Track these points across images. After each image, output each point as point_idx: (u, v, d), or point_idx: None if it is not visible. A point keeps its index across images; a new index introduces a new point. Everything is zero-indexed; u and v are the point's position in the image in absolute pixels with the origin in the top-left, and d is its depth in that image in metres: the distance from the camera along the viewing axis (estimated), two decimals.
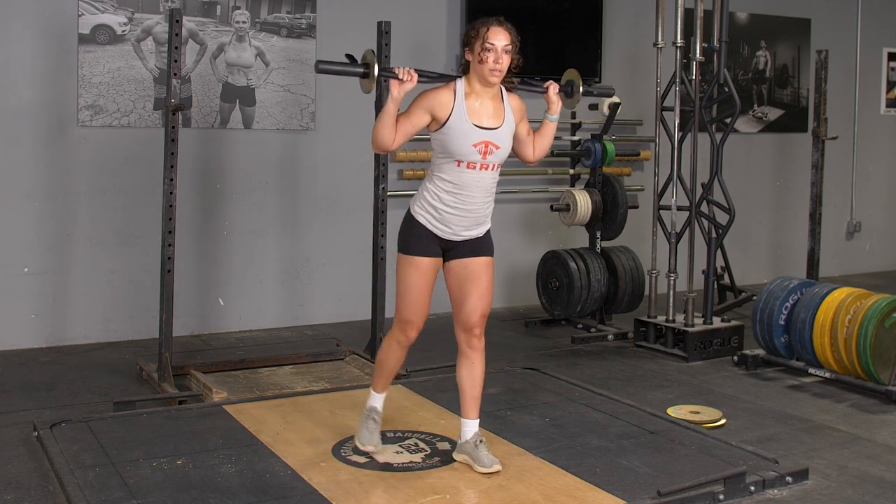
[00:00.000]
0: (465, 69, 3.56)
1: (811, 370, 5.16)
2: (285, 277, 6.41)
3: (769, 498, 3.53)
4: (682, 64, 5.86)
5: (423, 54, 6.70)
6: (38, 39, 5.62)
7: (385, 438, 3.90)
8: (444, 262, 3.64)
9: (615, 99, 6.43)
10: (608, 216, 6.34)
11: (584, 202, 6.26)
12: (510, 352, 5.77)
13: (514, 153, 3.73)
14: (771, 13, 8.22)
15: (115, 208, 5.87)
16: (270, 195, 6.31)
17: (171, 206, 4.77)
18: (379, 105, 5.20)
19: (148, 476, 3.52)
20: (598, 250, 6.35)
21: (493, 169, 3.54)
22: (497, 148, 3.52)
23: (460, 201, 3.52)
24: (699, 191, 5.90)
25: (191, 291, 6.00)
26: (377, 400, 3.83)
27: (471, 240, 3.63)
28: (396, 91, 3.45)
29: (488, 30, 3.45)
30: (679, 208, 5.89)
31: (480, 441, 3.65)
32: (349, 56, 3.57)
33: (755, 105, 8.22)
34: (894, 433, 4.34)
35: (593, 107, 6.69)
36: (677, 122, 5.89)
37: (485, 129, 3.50)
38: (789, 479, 3.63)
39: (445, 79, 3.62)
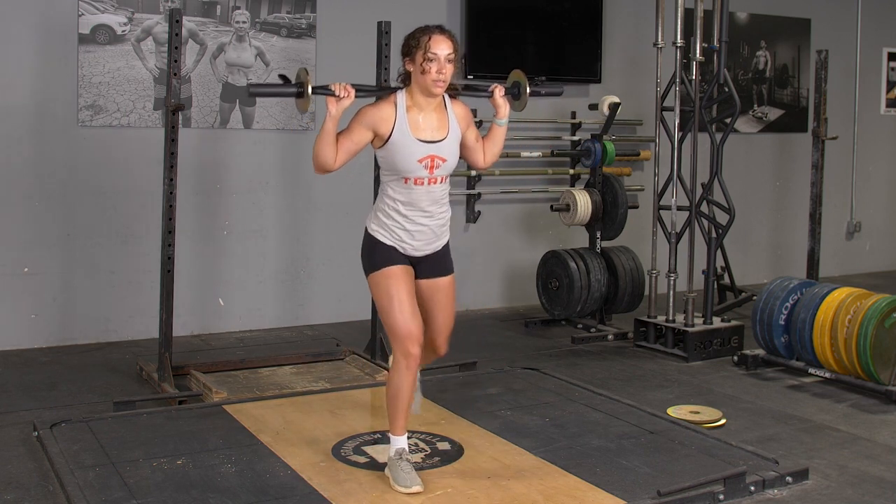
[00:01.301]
0: (405, 80, 3.44)
1: (811, 370, 5.17)
2: (285, 277, 6.41)
3: (769, 498, 3.53)
4: (682, 64, 5.86)
5: None
6: (38, 39, 5.62)
7: (385, 438, 3.88)
8: (415, 270, 3.53)
9: (615, 99, 6.44)
10: (608, 216, 6.34)
11: (584, 202, 6.26)
12: (510, 352, 5.77)
13: (465, 160, 3.62)
14: (771, 13, 8.22)
15: (115, 208, 5.87)
16: (270, 195, 6.31)
17: (171, 206, 4.77)
18: None
19: (148, 476, 3.52)
20: (598, 250, 6.35)
21: (442, 181, 3.44)
22: (443, 161, 3.41)
23: (414, 217, 3.43)
24: (699, 191, 5.90)
25: (191, 291, 6.00)
26: (402, 442, 3.49)
27: (432, 257, 3.53)
28: (334, 108, 3.32)
29: (430, 38, 3.33)
30: (679, 208, 5.89)
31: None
32: (283, 77, 3.48)
33: (755, 105, 8.22)
34: (894, 433, 4.34)
35: (593, 107, 6.69)
36: (677, 122, 5.89)
37: (429, 142, 3.38)
38: (789, 479, 3.63)
39: (385, 91, 3.49)
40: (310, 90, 3.38)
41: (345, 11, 6.43)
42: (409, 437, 3.82)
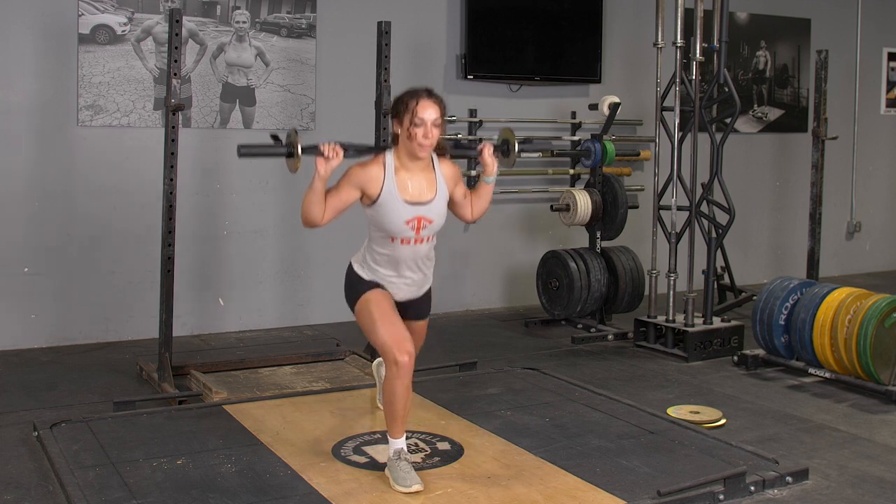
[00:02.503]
0: (395, 140, 3.50)
1: (811, 370, 5.17)
2: (285, 277, 6.41)
3: (769, 498, 3.53)
4: (682, 64, 5.86)
5: (423, 54, 6.70)
6: (38, 39, 5.62)
7: (385, 438, 3.89)
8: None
9: (615, 99, 6.44)
10: (608, 216, 6.34)
11: (584, 202, 6.26)
12: (510, 352, 5.78)
13: (452, 213, 3.68)
14: (771, 13, 8.22)
15: (115, 208, 5.87)
16: (270, 195, 6.31)
17: (171, 206, 4.78)
18: (380, 105, 5.21)
19: (148, 476, 3.52)
20: (598, 250, 6.35)
21: (428, 241, 3.54)
22: (430, 222, 3.49)
23: (399, 271, 3.55)
24: (699, 191, 5.90)
25: (191, 291, 6.00)
26: (400, 443, 3.52)
27: (413, 301, 3.67)
28: (322, 169, 3.35)
29: (417, 103, 3.39)
30: (679, 208, 5.89)
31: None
32: (274, 136, 3.51)
33: (755, 105, 8.22)
34: (894, 433, 4.34)
35: (593, 107, 6.69)
36: (677, 122, 5.88)
37: (417, 204, 3.46)
38: (789, 479, 3.63)
39: (374, 151, 3.54)
40: (299, 150, 3.40)
41: (345, 11, 6.43)
42: (408, 438, 3.83)
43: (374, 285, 3.56)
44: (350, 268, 3.63)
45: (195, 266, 6.05)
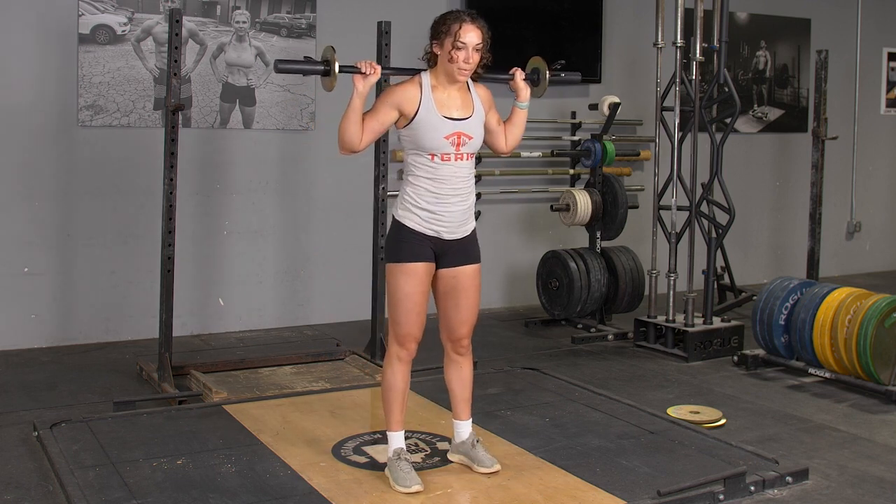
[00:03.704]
0: (429, 61, 3.47)
1: (811, 370, 5.17)
2: (285, 277, 6.41)
3: (769, 498, 3.53)
4: (682, 64, 5.86)
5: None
6: (38, 39, 5.62)
7: (385, 438, 3.90)
8: (438, 264, 3.49)
9: (615, 99, 6.44)
10: (608, 216, 6.34)
11: (584, 202, 6.26)
12: (510, 352, 5.78)
13: (487, 144, 3.64)
14: (771, 13, 8.22)
15: (115, 208, 5.87)
16: (270, 195, 6.31)
17: (171, 206, 4.78)
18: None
19: (148, 476, 3.52)
20: (598, 250, 6.35)
21: (467, 159, 3.44)
22: (470, 138, 3.43)
23: (442, 197, 3.41)
24: (699, 191, 5.90)
25: (191, 291, 6.00)
26: (399, 440, 3.51)
27: (460, 242, 3.49)
28: (361, 85, 3.35)
29: (460, 26, 3.36)
30: (679, 208, 5.89)
31: (477, 441, 3.65)
32: (307, 58, 3.53)
33: (755, 105, 8.22)
34: (894, 433, 4.34)
35: (593, 107, 6.69)
36: (677, 122, 5.88)
37: (455, 119, 3.41)
38: (789, 479, 3.63)
39: (410, 72, 3.53)
40: (336, 68, 3.40)
41: (345, 11, 6.43)
42: (408, 438, 3.83)
43: (417, 249, 3.40)
44: (393, 219, 3.50)
45: (195, 266, 6.05)
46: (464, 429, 3.66)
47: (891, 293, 5.03)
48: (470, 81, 3.51)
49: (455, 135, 3.39)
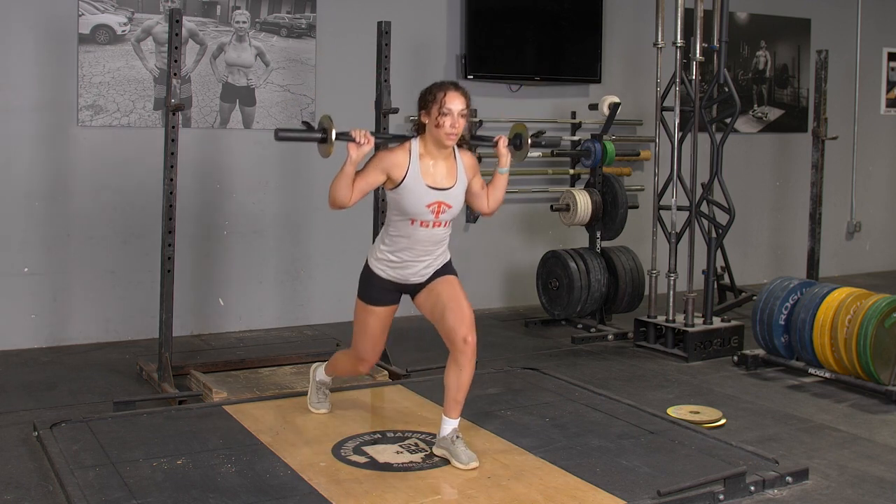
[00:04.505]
0: (419, 129, 3.68)
1: (811, 370, 5.17)
2: (285, 277, 6.41)
3: (769, 498, 3.53)
4: (682, 64, 5.86)
5: (423, 54, 6.70)
6: (38, 39, 5.62)
7: (385, 438, 3.92)
8: (413, 298, 3.80)
9: (615, 99, 6.44)
10: (608, 216, 6.34)
11: (584, 202, 6.26)
12: (510, 352, 5.78)
13: (470, 206, 3.86)
14: (771, 13, 8.22)
15: (115, 208, 5.87)
16: (270, 195, 6.32)
17: (171, 206, 4.77)
18: (380, 105, 5.21)
19: (148, 476, 3.52)
20: (598, 250, 6.35)
21: (445, 226, 3.69)
22: (449, 207, 3.65)
23: (414, 254, 3.69)
24: (699, 191, 5.90)
25: (191, 291, 6.00)
26: (328, 379, 4.27)
27: (430, 277, 3.78)
28: (354, 153, 3.55)
29: (445, 95, 3.57)
30: (679, 208, 5.89)
31: (457, 437, 3.68)
32: (306, 122, 3.77)
33: (755, 105, 8.22)
34: (894, 433, 4.34)
35: (593, 107, 6.69)
36: (677, 122, 5.89)
37: (438, 189, 3.62)
38: (789, 479, 3.63)
39: (400, 139, 3.74)
40: (333, 136, 3.63)
41: (345, 11, 6.43)
42: (409, 437, 3.87)
43: (384, 296, 3.77)
44: (366, 264, 3.82)
45: (195, 266, 6.05)
46: (447, 425, 3.70)
47: (891, 293, 5.03)
48: (456, 149, 3.72)
49: (436, 204, 3.62)
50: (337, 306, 6.49)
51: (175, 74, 4.72)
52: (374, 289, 3.77)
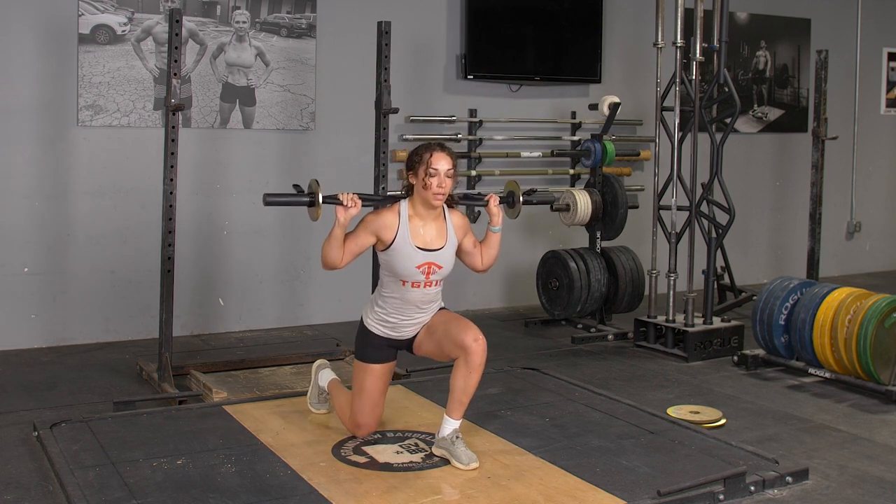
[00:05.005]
0: (408, 191, 3.71)
1: (811, 370, 5.17)
2: (285, 277, 6.41)
3: (769, 498, 3.53)
4: (682, 64, 5.86)
5: (423, 54, 6.70)
6: (38, 39, 5.62)
7: (385, 438, 3.92)
8: (411, 350, 3.86)
9: (615, 99, 6.44)
10: (608, 216, 6.34)
11: (584, 202, 6.26)
12: (510, 352, 5.78)
13: (464, 264, 3.88)
14: (771, 13, 8.22)
15: (115, 208, 5.87)
16: None
17: (171, 206, 4.77)
18: (380, 105, 5.21)
19: (148, 476, 3.52)
20: (598, 250, 6.35)
21: (436, 285, 3.73)
22: (440, 268, 3.69)
23: (408, 313, 3.75)
24: (699, 191, 5.90)
25: (191, 291, 6.00)
26: (327, 375, 4.23)
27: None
28: (342, 217, 3.60)
29: (431, 155, 3.60)
30: (679, 208, 5.89)
31: (457, 437, 3.68)
32: (296, 186, 3.76)
33: (755, 105, 8.22)
34: (894, 433, 4.35)
35: (593, 107, 6.69)
36: (677, 122, 5.89)
37: (428, 250, 3.66)
38: (789, 479, 3.63)
39: (389, 201, 3.76)
40: (320, 199, 3.68)
41: (345, 11, 6.43)
42: (409, 437, 3.87)
43: (380, 353, 3.81)
44: (361, 321, 3.86)
45: (195, 266, 6.05)
46: (448, 425, 3.70)
47: (891, 293, 5.03)
48: (446, 209, 3.76)
49: (426, 265, 3.66)
50: (337, 306, 6.49)
51: (175, 74, 4.72)
52: (370, 347, 3.81)
